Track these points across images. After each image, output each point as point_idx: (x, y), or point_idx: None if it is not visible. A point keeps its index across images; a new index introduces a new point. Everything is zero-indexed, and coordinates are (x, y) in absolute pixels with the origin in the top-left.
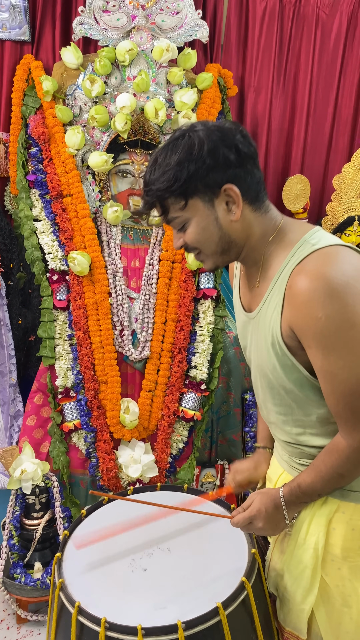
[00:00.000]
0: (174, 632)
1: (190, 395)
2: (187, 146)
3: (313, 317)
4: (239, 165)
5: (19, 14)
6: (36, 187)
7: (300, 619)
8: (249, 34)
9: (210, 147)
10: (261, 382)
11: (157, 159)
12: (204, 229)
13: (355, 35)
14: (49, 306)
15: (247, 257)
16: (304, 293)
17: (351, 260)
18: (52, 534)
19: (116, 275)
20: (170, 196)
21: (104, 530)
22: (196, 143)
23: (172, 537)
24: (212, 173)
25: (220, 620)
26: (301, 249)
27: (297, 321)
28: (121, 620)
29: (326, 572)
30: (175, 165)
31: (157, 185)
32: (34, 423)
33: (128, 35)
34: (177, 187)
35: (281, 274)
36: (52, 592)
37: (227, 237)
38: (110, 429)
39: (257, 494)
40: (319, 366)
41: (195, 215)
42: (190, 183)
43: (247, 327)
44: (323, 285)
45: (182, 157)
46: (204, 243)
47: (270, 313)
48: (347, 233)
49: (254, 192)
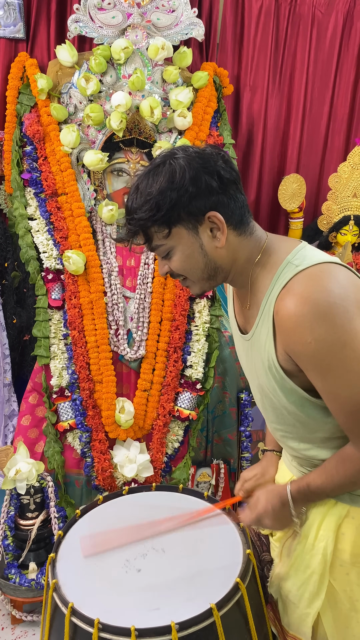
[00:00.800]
0: (168, 633)
1: (186, 394)
2: (169, 174)
3: (303, 343)
4: (222, 192)
5: (13, 11)
6: (31, 185)
7: (305, 623)
8: (244, 32)
9: (192, 175)
10: (263, 402)
11: (138, 187)
12: (188, 256)
13: (351, 35)
14: (44, 305)
15: (235, 280)
16: (291, 319)
17: (336, 278)
18: (47, 534)
19: (111, 274)
20: (153, 225)
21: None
22: (177, 170)
23: (166, 538)
24: (195, 201)
25: (214, 621)
26: (285, 271)
27: (289, 346)
28: (114, 621)
29: (334, 577)
30: (157, 193)
31: (139, 214)
32: (29, 423)
33: (123, 33)
34: (160, 217)
35: (268, 298)
36: (46, 593)
37: (212, 263)
38: (105, 429)
39: (263, 492)
40: (320, 387)
41: (179, 243)
42: (173, 212)
43: (244, 348)
44: (309, 310)
45: (163, 186)
46: (190, 270)
47: (264, 338)
48: (343, 232)
49: (238, 217)
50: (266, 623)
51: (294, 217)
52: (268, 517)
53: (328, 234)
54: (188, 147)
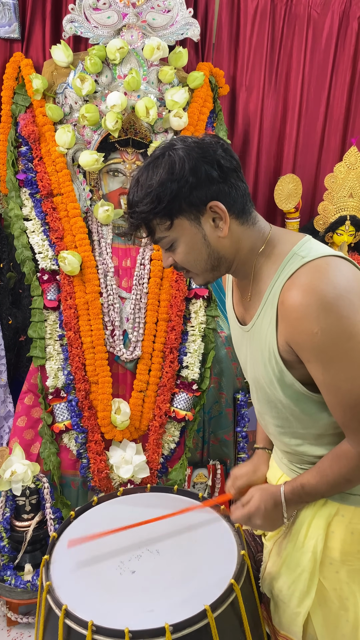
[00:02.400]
0: (162, 635)
1: (182, 395)
2: (168, 165)
3: (309, 333)
4: (223, 181)
5: (8, 11)
6: (26, 186)
7: (295, 622)
8: (240, 32)
9: (191, 165)
10: (258, 394)
11: (138, 180)
12: (192, 247)
13: (347, 35)
14: (40, 306)
15: (238, 271)
16: (297, 309)
17: (342, 270)
18: (43, 535)
19: (107, 275)
20: (155, 217)
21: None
22: (177, 161)
23: (161, 539)
24: (196, 191)
25: (208, 623)
26: (291, 262)
27: (293, 337)
28: (108, 623)
29: (324, 576)
30: (157, 186)
31: (140, 207)
32: (25, 424)
33: (119, 33)
34: (161, 208)
35: (272, 289)
36: (40, 595)
37: (216, 253)
38: (101, 430)
39: (257, 490)
40: (321, 380)
41: (182, 234)
42: (174, 203)
43: (242, 339)
44: (316, 300)
45: (163, 177)
46: (194, 261)
47: (265, 328)
48: (339, 232)
49: (240, 206)
50: (261, 624)
51: (290, 218)
52: (259, 517)
53: (324, 234)
54: (187, 137)
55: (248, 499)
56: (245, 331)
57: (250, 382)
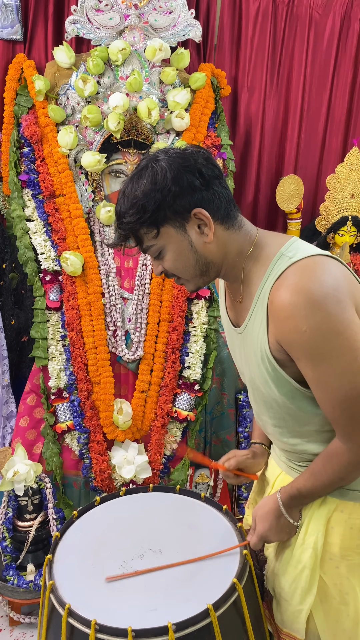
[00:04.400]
0: (165, 634)
1: (184, 395)
2: (151, 176)
3: (298, 331)
4: (205, 188)
5: (10, 12)
6: (29, 187)
7: (298, 619)
8: (242, 33)
9: (173, 175)
10: (254, 395)
11: (124, 192)
12: (179, 254)
13: (349, 36)
14: (42, 307)
15: (228, 274)
16: (286, 308)
17: (329, 269)
18: (45, 535)
19: (109, 276)
20: (141, 227)
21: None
22: (159, 172)
23: (163, 538)
24: (179, 199)
25: (211, 622)
26: (279, 262)
27: (283, 335)
28: (111, 622)
29: (324, 571)
30: (142, 196)
31: (127, 218)
32: (27, 424)
33: (121, 34)
34: (147, 218)
35: (262, 290)
36: (43, 594)
37: (203, 259)
38: (103, 430)
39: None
40: (310, 377)
41: (169, 242)
42: (159, 212)
43: (236, 342)
44: (304, 299)
45: (147, 188)
46: (182, 268)
47: (257, 329)
48: (341, 233)
49: (224, 211)
50: (264, 623)
51: (291, 218)
52: (271, 534)
53: (326, 235)
54: (169, 148)
55: (253, 527)
56: (238, 333)
57: (247, 383)
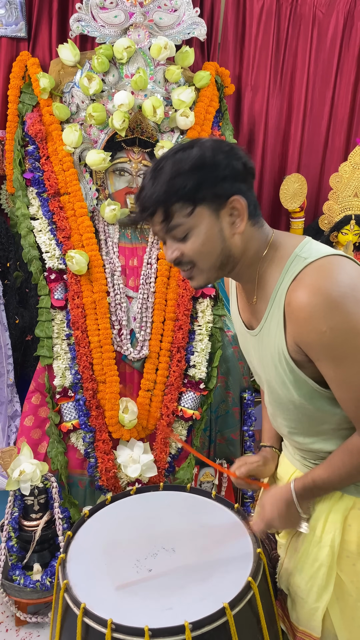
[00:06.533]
0: (181, 633)
1: (189, 394)
2: (199, 154)
3: (318, 332)
4: (244, 180)
5: (15, 10)
6: (33, 185)
7: (314, 617)
8: (246, 32)
9: (221, 158)
10: (271, 397)
11: (162, 167)
12: (207, 239)
13: (352, 35)
14: (47, 305)
15: (242, 274)
16: (304, 309)
17: (345, 269)
18: (51, 535)
19: (114, 274)
20: (178, 201)
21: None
22: (209, 150)
23: (176, 537)
24: (222, 183)
25: (227, 621)
26: (294, 264)
27: (302, 337)
28: (127, 621)
29: (341, 569)
30: (189, 169)
31: (165, 187)
32: (32, 423)
33: (125, 32)
34: (187, 192)
35: (278, 291)
36: (56, 594)
37: (227, 250)
38: (109, 429)
39: (267, 499)
40: (331, 377)
41: (200, 223)
42: (201, 190)
43: (250, 344)
44: (322, 300)
45: (194, 163)
46: (205, 255)
47: (274, 331)
48: (344, 232)
49: (253, 207)
50: (276, 621)
51: (295, 217)
52: (277, 521)
53: (329, 234)
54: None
55: (261, 510)
56: (253, 335)
57: (264, 385)
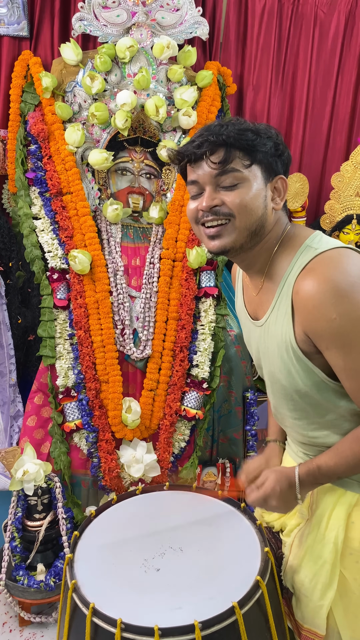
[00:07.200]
0: (191, 632)
1: (192, 394)
2: (267, 127)
3: (327, 319)
4: (287, 169)
5: (17, 9)
6: (35, 184)
7: (319, 615)
8: (247, 32)
9: (282, 140)
10: (273, 388)
11: (236, 120)
12: (255, 196)
13: (353, 34)
14: (49, 305)
15: (255, 261)
16: (313, 297)
17: (354, 260)
18: (55, 535)
19: (117, 274)
20: (242, 150)
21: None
22: (274, 131)
23: (183, 536)
24: (279, 159)
25: (236, 620)
26: (304, 253)
27: (310, 325)
28: (136, 621)
29: (344, 566)
30: (258, 130)
31: (236, 132)
32: (35, 423)
33: (128, 32)
34: (253, 146)
35: (286, 280)
36: (64, 594)
37: (264, 219)
38: (112, 429)
39: (272, 472)
40: (341, 366)
41: (252, 180)
42: (263, 153)
43: (254, 334)
44: (331, 288)
45: (263, 130)
46: (247, 210)
47: (281, 320)
48: (346, 231)
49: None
50: (284, 620)
51: (296, 217)
52: (274, 498)
53: (331, 233)
54: None
55: (263, 481)
56: (258, 326)
57: (265, 376)
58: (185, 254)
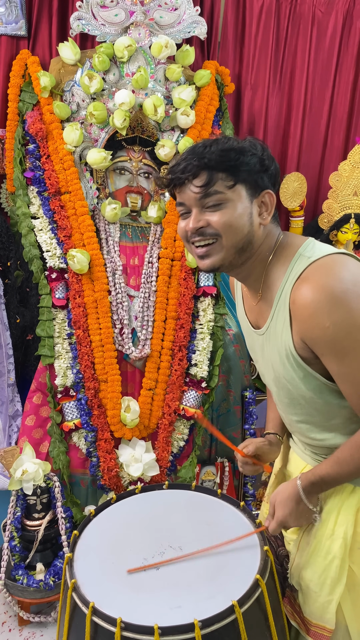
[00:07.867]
0: (191, 631)
1: (191, 393)
2: (252, 143)
3: (321, 327)
4: (274, 183)
5: (15, 8)
6: (34, 184)
7: (328, 610)
8: (245, 31)
9: (269, 155)
10: (279, 394)
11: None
12: (239, 215)
13: (351, 34)
14: (48, 304)
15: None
16: (308, 306)
17: (347, 266)
18: (54, 534)
19: (115, 273)
20: (224, 171)
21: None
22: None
23: (183, 535)
24: (264, 175)
25: (236, 618)
26: (298, 263)
27: (306, 333)
28: (136, 620)
29: (353, 561)
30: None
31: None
32: (33, 423)
33: (126, 31)
34: (235, 167)
35: (283, 290)
36: (64, 593)
37: (251, 235)
38: (110, 428)
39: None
40: (336, 371)
41: (237, 200)
42: (246, 171)
43: (257, 343)
44: (325, 296)
45: (247, 147)
46: (232, 229)
47: (280, 329)
48: (344, 231)
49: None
50: (283, 618)
51: (294, 216)
52: (290, 520)
53: (329, 232)
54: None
55: (272, 513)
56: (259, 334)
57: (271, 383)
58: (184, 253)
